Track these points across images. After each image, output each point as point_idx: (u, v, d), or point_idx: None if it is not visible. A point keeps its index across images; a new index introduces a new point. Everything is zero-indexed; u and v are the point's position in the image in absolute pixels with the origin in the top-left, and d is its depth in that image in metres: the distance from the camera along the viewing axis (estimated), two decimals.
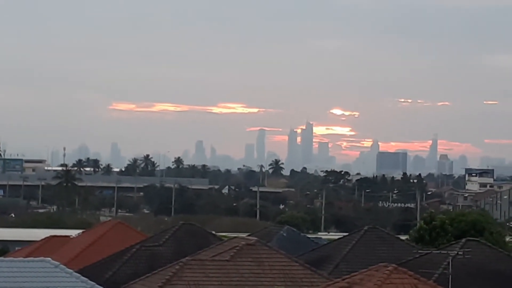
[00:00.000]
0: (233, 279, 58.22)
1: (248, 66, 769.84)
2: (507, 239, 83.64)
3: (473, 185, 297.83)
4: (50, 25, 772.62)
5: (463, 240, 70.29)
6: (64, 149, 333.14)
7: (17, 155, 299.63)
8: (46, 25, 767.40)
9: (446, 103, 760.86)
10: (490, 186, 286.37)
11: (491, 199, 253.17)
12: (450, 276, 48.55)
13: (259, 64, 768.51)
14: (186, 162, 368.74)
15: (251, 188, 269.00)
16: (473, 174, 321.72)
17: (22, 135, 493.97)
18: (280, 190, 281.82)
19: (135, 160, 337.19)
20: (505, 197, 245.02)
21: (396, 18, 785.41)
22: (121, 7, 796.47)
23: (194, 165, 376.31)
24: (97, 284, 45.43)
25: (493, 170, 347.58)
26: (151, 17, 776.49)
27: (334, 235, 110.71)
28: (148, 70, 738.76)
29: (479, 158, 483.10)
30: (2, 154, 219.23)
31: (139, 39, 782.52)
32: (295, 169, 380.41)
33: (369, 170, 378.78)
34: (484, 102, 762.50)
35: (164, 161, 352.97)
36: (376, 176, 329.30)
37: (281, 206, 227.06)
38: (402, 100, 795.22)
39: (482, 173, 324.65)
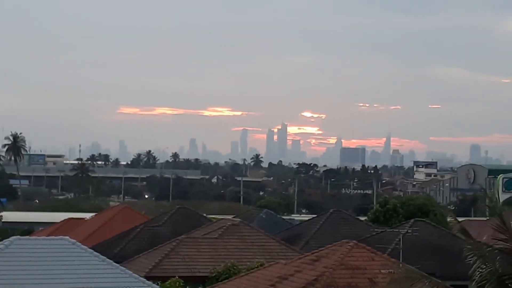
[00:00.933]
0: (221, 253, 58.23)
1: (233, 76, 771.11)
2: (448, 219, 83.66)
3: (420, 175, 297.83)
4: (67, 40, 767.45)
5: (412, 220, 70.36)
6: (80, 146, 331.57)
7: (40, 151, 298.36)
8: (63, 40, 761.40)
9: (398, 107, 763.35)
10: (434, 176, 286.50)
11: (435, 186, 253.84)
12: (401, 250, 48.60)
13: (243, 74, 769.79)
14: (182, 156, 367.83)
15: (236, 178, 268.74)
16: (420, 166, 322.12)
17: (45, 134, 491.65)
18: (260, 180, 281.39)
19: (139, 155, 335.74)
20: (447, 184, 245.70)
21: (357, 37, 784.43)
22: (127, 26, 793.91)
23: (188, 159, 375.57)
24: (108, 258, 45.37)
25: (436, 162, 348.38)
26: (152, 35, 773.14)
27: (305, 217, 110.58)
28: (150, 80, 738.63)
29: (425, 153, 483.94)
30: (27, 150, 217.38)
31: (142, 53, 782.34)
32: (272, 162, 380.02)
33: (334, 163, 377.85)
34: (429, 106, 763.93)
35: (163, 156, 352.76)
36: (340, 167, 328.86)
37: (261, 193, 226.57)
38: (361, 104, 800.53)
39: (428, 165, 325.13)
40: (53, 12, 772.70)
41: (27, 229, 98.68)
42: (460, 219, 76.90)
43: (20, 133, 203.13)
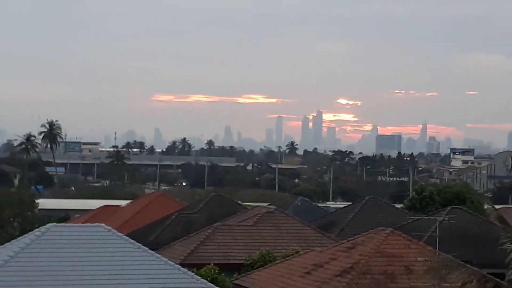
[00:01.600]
0: (256, 241, 58.35)
1: (268, 64, 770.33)
2: (485, 206, 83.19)
3: (457, 162, 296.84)
4: (103, 30, 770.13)
5: (449, 208, 70.13)
6: (115, 133, 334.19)
7: (76, 138, 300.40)
8: (100, 30, 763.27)
9: (434, 93, 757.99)
10: (471, 163, 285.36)
11: (472, 173, 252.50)
12: (438, 238, 48.44)
13: (278, 62, 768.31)
14: (217, 144, 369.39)
15: (271, 165, 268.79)
16: (456, 153, 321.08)
17: (81, 122, 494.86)
18: (295, 167, 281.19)
19: (174, 142, 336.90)
20: (484, 172, 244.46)
21: (390, 25, 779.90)
22: (162, 16, 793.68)
23: (223, 146, 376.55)
24: (143, 245, 45.56)
25: (473, 149, 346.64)
26: (187, 25, 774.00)
27: (340, 204, 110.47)
28: (184, 68, 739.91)
29: (462, 140, 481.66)
30: (63, 137, 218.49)
31: (177, 42, 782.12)
32: (307, 150, 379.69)
33: (370, 150, 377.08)
34: (466, 93, 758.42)
35: (198, 143, 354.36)
36: (376, 155, 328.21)
37: (296, 180, 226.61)
38: (397, 91, 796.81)
39: (465, 152, 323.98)
40: (91, 4, 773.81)
41: (63, 216, 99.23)
42: (497, 206, 76.58)
43: (56, 121, 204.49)
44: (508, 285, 20.52)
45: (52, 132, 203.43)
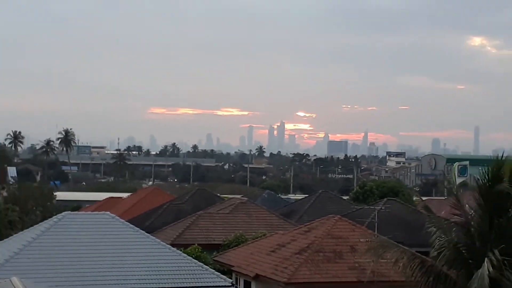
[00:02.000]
0: (231, 226, 58.30)
1: (241, 83, 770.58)
2: (414, 198, 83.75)
3: (391, 163, 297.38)
4: (107, 52, 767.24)
5: (385, 199, 70.42)
6: (118, 139, 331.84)
7: (86, 143, 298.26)
8: (105, 53, 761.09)
9: (374, 108, 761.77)
10: (402, 163, 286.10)
11: (403, 172, 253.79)
12: (376, 223, 48.68)
13: (249, 81, 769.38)
14: (200, 147, 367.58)
15: (243, 165, 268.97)
16: (391, 155, 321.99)
17: (90, 129, 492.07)
18: (263, 167, 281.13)
19: (165, 146, 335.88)
20: (413, 170, 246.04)
21: (341, 52, 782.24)
22: (158, 41, 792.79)
23: (205, 149, 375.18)
24: (141, 229, 45.53)
25: (404, 152, 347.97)
26: (176, 47, 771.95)
27: (299, 196, 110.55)
28: (174, 85, 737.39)
29: (396, 145, 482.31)
30: (76, 142, 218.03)
31: (168, 63, 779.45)
32: (273, 153, 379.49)
33: (322, 153, 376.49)
34: (399, 107, 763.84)
35: (185, 147, 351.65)
36: (327, 157, 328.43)
37: (264, 177, 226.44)
38: (344, 106, 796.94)
39: (397, 154, 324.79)
40: (104, 33, 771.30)
41: (76, 205, 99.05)
42: (423, 198, 76.88)
43: (70, 129, 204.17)
44: (431, 260, 20.60)
45: (67, 138, 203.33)
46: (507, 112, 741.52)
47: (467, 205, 20.59)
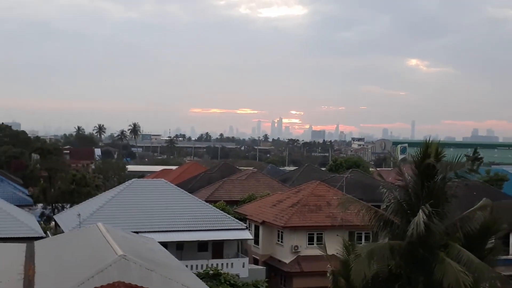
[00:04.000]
0: (246, 188, 58.29)
1: (254, 92, 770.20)
2: (370, 169, 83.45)
3: (355, 145, 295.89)
4: (160, 69, 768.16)
5: (350, 169, 70.36)
6: (169, 129, 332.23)
7: (148, 132, 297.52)
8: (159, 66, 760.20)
9: (343, 107, 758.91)
10: (362, 146, 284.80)
11: (363, 151, 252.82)
12: (344, 186, 48.58)
13: (258, 91, 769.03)
14: (225, 135, 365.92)
15: (254, 147, 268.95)
16: (355, 140, 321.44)
17: (151, 122, 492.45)
18: (268, 148, 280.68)
19: (201, 134, 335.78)
20: (369, 150, 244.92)
21: (320, 70, 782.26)
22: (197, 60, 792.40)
23: (228, 136, 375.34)
24: (185, 190, 45.65)
25: (364, 138, 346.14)
26: (207, 68, 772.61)
27: (292, 168, 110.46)
28: (207, 94, 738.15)
29: (358, 133, 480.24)
30: (141, 131, 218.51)
31: (203, 79, 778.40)
32: (274, 139, 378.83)
33: (308, 139, 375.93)
34: (360, 107, 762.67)
35: (214, 135, 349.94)
36: (311, 141, 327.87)
37: (268, 155, 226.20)
38: (323, 106, 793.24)
39: (359, 139, 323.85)
40: (157, 56, 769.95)
41: (141, 175, 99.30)
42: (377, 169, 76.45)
43: (137, 123, 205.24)
44: (382, 211, 20.51)
45: (135, 129, 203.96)
46: (432, 110, 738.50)
47: (406, 174, 20.52)
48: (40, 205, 60.75)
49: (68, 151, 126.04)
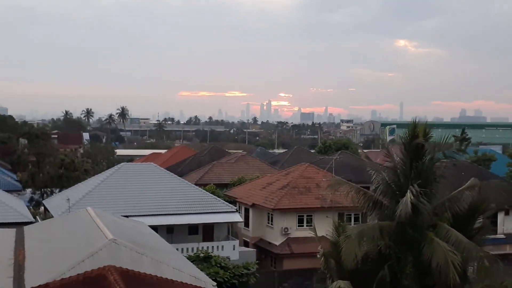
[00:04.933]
0: (236, 171, 58.40)
1: (242, 74, 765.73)
2: (359, 151, 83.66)
3: (344, 127, 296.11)
4: (152, 52, 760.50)
5: (339, 151, 70.55)
6: (158, 113, 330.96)
7: (136, 116, 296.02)
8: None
9: (331, 90, 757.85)
10: (351, 127, 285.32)
11: (352, 133, 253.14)
12: (333, 168, 48.74)
13: (247, 74, 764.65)
14: (214, 118, 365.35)
15: (244, 130, 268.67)
16: (344, 122, 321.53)
17: (139, 106, 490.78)
18: (257, 131, 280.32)
19: (190, 118, 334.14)
20: (358, 132, 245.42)
21: (307, 53, 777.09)
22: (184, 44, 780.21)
23: (217, 119, 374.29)
24: (174, 174, 45.59)
25: (352, 120, 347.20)
26: (198, 52, 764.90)
27: (281, 151, 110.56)
28: (196, 77, 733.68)
29: (347, 115, 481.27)
30: (129, 115, 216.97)
31: (193, 61, 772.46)
32: (263, 121, 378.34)
33: (297, 121, 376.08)
34: (349, 89, 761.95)
35: (203, 118, 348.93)
36: (300, 124, 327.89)
37: (257, 138, 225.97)
38: (312, 88, 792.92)
39: (348, 121, 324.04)
40: (149, 43, 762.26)
41: (130, 159, 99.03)
42: (365, 151, 76.74)
43: (125, 106, 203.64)
44: (371, 192, 20.60)
45: (123, 113, 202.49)
46: (421, 92, 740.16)
47: (395, 155, 20.59)
48: (29, 190, 60.46)
49: (56, 136, 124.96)
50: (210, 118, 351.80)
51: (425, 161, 19.59)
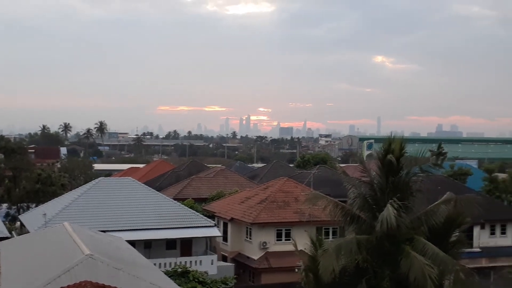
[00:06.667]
0: (214, 185, 58.14)
1: (221, 89, 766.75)
2: (337, 165, 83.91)
3: (322, 142, 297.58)
4: (131, 70, 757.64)
5: (318, 166, 70.77)
6: (137, 128, 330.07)
7: (115, 130, 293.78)
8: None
9: (310, 104, 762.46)
10: (329, 142, 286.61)
11: (330, 147, 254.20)
12: (312, 182, 48.87)
13: (226, 88, 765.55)
14: (193, 133, 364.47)
15: (223, 144, 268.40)
16: (322, 137, 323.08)
17: (118, 121, 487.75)
18: (236, 145, 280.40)
19: (169, 132, 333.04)
20: (336, 147, 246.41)
21: (289, 68, 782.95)
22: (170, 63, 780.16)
23: (196, 134, 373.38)
24: (152, 188, 45.29)
25: (331, 134, 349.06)
26: (179, 67, 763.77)
27: (260, 165, 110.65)
28: (175, 91, 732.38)
29: (325, 130, 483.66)
30: (108, 130, 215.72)
31: (171, 75, 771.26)
32: (242, 136, 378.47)
33: (276, 136, 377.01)
34: (327, 104, 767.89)
35: (182, 132, 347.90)
36: (279, 138, 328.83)
37: (236, 152, 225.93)
38: (290, 103, 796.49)
39: (326, 136, 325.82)
40: (126, 56, 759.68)
41: (108, 173, 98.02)
42: (343, 165, 77.08)
43: (104, 121, 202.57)
44: (348, 206, 20.65)
45: (101, 127, 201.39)
46: (398, 107, 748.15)
47: (372, 169, 20.71)
48: (4, 205, 59.60)
49: (33, 150, 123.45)
50: (189, 132, 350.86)
51: (402, 176, 19.76)
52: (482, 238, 45.44)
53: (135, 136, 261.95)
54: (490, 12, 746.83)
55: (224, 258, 43.08)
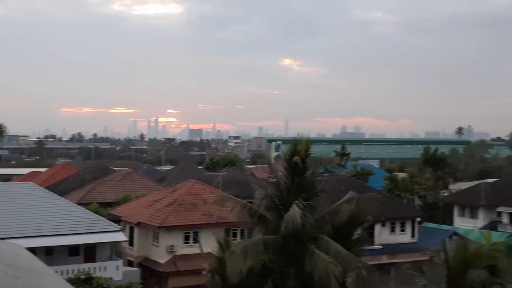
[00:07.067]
0: (121, 189, 56.95)
1: (128, 90, 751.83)
2: (246, 166, 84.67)
3: (231, 143, 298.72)
4: (37, 64, 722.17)
5: (227, 167, 70.88)
6: (39, 131, 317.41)
7: (15, 133, 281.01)
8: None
9: (221, 106, 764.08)
10: (238, 144, 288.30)
11: (239, 149, 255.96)
12: (220, 184, 48.95)
13: (134, 89, 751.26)
14: (99, 135, 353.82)
15: (130, 147, 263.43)
16: (231, 138, 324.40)
17: (19, 123, 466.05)
18: (144, 147, 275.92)
19: (73, 135, 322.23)
20: (245, 148, 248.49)
21: (200, 69, 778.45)
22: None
23: (102, 136, 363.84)
24: (55, 193, 43.67)
25: (240, 136, 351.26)
26: (86, 63, 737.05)
27: (169, 167, 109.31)
28: (80, 92, 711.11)
29: (235, 131, 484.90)
30: (7, 133, 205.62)
31: (77, 75, 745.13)
32: (151, 138, 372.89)
33: (185, 138, 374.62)
34: (236, 106, 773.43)
35: (88, 135, 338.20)
36: (188, 140, 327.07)
37: (144, 155, 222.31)
38: (200, 105, 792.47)
39: (235, 138, 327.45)
40: (33, 49, 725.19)
41: (7, 178, 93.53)
42: (251, 166, 77.70)
43: (3, 123, 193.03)
44: (255, 207, 20.77)
45: (0, 130, 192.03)
46: (305, 109, 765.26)
47: (279, 170, 21.00)
48: None
49: None
50: (95, 135, 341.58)
51: (307, 176, 20.18)
52: (383, 235, 47.25)
53: (37, 139, 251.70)
54: (391, 17, 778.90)
55: (130, 263, 42.17)
